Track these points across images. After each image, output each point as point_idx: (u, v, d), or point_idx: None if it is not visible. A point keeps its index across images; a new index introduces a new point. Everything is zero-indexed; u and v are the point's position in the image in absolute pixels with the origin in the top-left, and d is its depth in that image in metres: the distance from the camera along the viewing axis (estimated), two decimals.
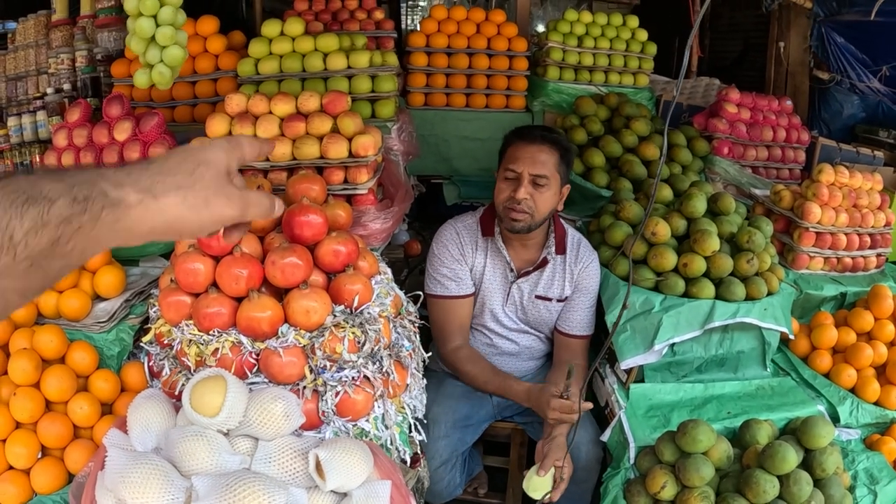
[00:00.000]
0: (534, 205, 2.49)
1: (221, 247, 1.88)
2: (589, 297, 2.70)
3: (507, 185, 2.53)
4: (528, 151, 2.51)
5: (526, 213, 2.49)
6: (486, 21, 3.95)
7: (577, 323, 2.69)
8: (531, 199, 2.48)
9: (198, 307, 1.87)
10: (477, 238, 2.68)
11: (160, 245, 2.59)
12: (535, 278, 2.68)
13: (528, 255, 2.68)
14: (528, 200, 2.48)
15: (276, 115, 2.50)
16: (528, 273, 2.66)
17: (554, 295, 2.69)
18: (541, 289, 2.68)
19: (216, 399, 1.69)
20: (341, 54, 2.90)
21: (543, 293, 2.69)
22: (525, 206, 2.48)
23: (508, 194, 2.51)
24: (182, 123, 3.12)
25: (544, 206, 2.51)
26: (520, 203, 2.48)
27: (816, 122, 5.21)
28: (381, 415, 1.98)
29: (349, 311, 1.94)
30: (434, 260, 2.66)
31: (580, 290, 2.69)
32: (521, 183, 2.48)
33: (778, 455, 2.10)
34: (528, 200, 2.48)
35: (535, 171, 2.49)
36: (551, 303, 2.69)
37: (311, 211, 1.97)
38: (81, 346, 2.13)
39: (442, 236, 2.69)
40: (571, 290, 2.69)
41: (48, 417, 1.99)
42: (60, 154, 2.68)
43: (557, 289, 2.68)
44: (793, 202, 3.17)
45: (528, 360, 2.83)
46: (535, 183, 2.49)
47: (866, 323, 2.92)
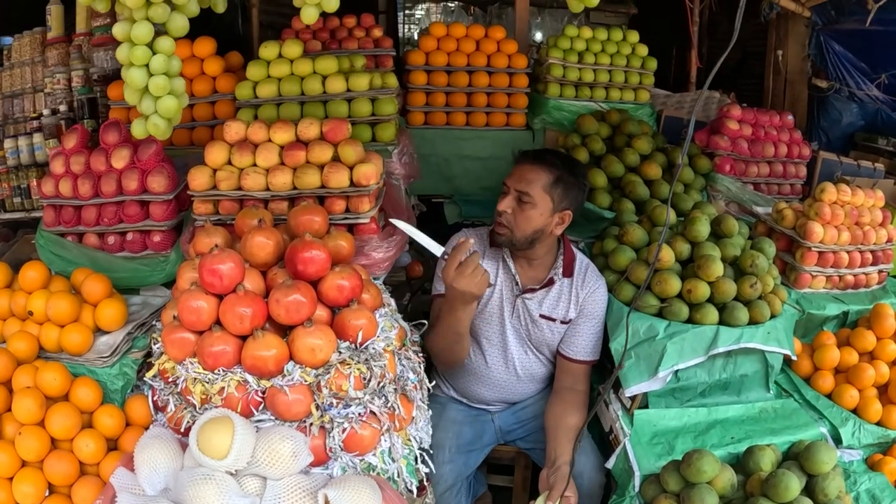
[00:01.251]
0: (512, 221, 2.52)
1: (224, 285, 1.87)
2: (594, 323, 2.69)
3: (500, 198, 2.58)
4: (520, 169, 2.56)
5: (506, 227, 2.53)
6: (486, 38, 3.91)
7: (581, 348, 2.68)
8: (511, 215, 2.52)
9: (202, 345, 1.86)
10: (485, 248, 2.72)
11: (160, 274, 2.58)
12: (541, 297, 2.68)
13: (535, 274, 2.68)
14: (507, 215, 2.53)
15: (275, 142, 2.49)
16: (533, 290, 2.67)
17: (558, 316, 2.68)
18: (546, 308, 2.68)
19: (224, 441, 1.68)
20: (340, 77, 2.89)
21: (548, 313, 2.68)
22: (504, 220, 2.53)
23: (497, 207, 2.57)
24: (180, 147, 3.09)
25: (524, 224, 2.52)
26: (500, 215, 2.53)
27: (815, 130, 5.20)
28: (387, 448, 1.98)
29: (354, 347, 1.93)
30: (441, 261, 2.62)
31: (585, 315, 2.68)
32: (504, 197, 2.55)
33: (781, 484, 2.10)
34: (508, 215, 2.53)
35: (518, 188, 2.52)
36: (555, 323, 2.69)
37: (314, 247, 1.96)
38: (85, 382, 2.13)
39: (453, 239, 2.71)
40: (576, 314, 2.68)
41: (54, 455, 2.00)
42: (58, 181, 2.67)
43: (562, 310, 2.68)
44: (795, 221, 3.15)
45: (528, 381, 2.81)
46: (520, 200, 2.52)
47: (868, 343, 2.91)
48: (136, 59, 2.06)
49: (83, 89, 3.43)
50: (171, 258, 2.60)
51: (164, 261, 2.60)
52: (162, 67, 2.08)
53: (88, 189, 2.62)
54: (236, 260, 1.90)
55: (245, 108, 2.90)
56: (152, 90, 2.10)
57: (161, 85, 2.09)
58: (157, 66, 2.07)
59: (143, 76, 2.09)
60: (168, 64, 2.09)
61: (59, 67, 3.53)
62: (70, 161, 2.67)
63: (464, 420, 2.69)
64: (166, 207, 2.60)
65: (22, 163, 3.33)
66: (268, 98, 2.87)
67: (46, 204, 2.72)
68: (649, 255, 2.66)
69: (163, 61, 2.07)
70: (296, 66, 2.90)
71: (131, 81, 2.09)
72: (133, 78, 2.08)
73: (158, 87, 2.09)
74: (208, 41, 3.10)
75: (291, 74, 2.90)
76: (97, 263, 2.58)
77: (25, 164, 3.32)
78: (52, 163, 2.72)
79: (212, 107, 3.09)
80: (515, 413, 2.83)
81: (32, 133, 3.37)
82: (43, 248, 2.67)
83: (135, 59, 2.06)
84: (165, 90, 2.11)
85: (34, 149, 3.34)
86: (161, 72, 2.09)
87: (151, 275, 2.59)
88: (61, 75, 3.52)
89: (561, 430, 2.52)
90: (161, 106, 2.12)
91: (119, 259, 2.64)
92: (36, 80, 3.81)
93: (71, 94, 3.51)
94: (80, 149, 2.70)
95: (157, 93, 2.11)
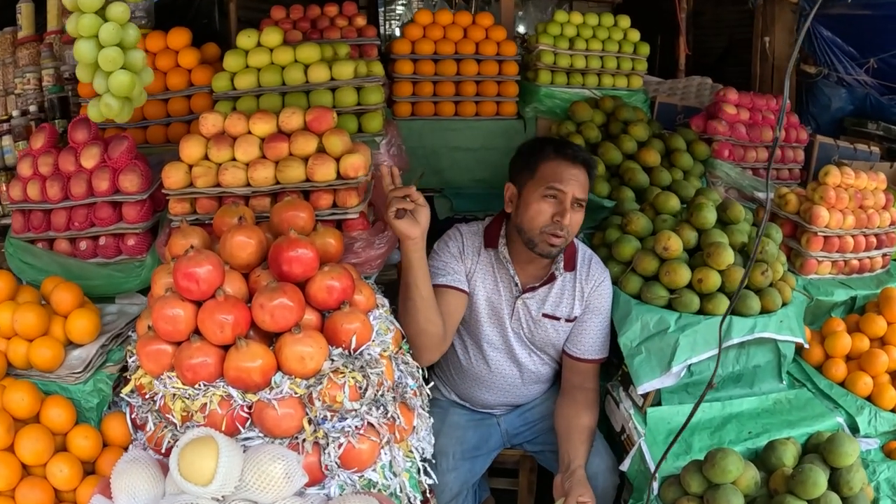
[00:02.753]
0: (571, 228, 2.36)
1: (202, 290, 1.71)
2: (601, 318, 2.56)
3: (548, 205, 2.35)
4: (572, 173, 2.36)
5: (565, 237, 2.36)
6: (474, 25, 3.82)
7: (589, 346, 2.55)
8: (570, 224, 2.35)
9: (180, 358, 1.71)
10: (480, 246, 2.54)
11: (136, 281, 2.44)
12: (543, 295, 2.53)
13: (535, 272, 2.53)
14: (569, 226, 2.35)
15: (255, 135, 2.34)
16: (533, 289, 2.52)
17: (562, 314, 2.54)
18: (548, 307, 2.54)
19: (208, 464, 1.54)
20: (323, 65, 2.75)
21: (551, 312, 2.54)
22: (565, 232, 2.35)
23: (549, 216, 2.34)
24: (156, 145, 2.95)
25: (576, 228, 2.39)
26: (562, 228, 2.33)
27: (805, 116, 5.20)
28: (388, 462, 1.84)
29: (347, 354, 1.79)
30: (432, 255, 2.51)
31: (591, 311, 2.55)
32: (564, 205, 2.33)
33: (809, 480, 2.03)
34: (569, 225, 2.35)
35: (579, 195, 2.35)
36: (559, 322, 2.55)
37: (300, 245, 1.81)
38: (57, 401, 1.99)
39: (445, 236, 2.57)
40: (581, 310, 2.55)
41: (26, 483, 1.89)
42: (26, 184, 2.53)
43: (566, 307, 2.54)
44: (799, 206, 3.10)
45: (533, 383, 2.68)
46: (576, 205, 2.36)
47: (879, 328, 2.88)
48: (83, 29, 1.84)
49: (54, 88, 3.34)
50: (147, 263, 2.46)
51: (139, 266, 2.46)
52: (113, 38, 1.86)
53: (57, 191, 2.48)
54: (214, 262, 1.74)
55: (223, 101, 2.75)
56: (102, 64, 1.88)
57: (112, 58, 1.88)
58: (107, 36, 1.85)
59: (93, 49, 1.87)
60: (120, 34, 1.87)
61: (30, 67, 3.45)
62: (38, 162, 2.54)
63: (467, 424, 2.56)
64: (140, 208, 2.46)
65: None
66: (247, 89, 2.73)
67: (14, 209, 2.59)
68: (656, 245, 2.55)
69: (113, 31, 1.85)
70: (276, 54, 2.76)
71: (80, 55, 1.88)
72: (81, 51, 1.88)
73: (109, 60, 1.87)
74: (183, 31, 2.96)
75: (271, 64, 2.75)
76: (69, 271, 2.44)
77: None
78: (19, 165, 2.59)
79: (188, 101, 2.95)
80: (522, 415, 2.71)
81: (1, 136, 3.25)
82: (12, 256, 2.53)
83: (82, 30, 1.85)
84: (117, 64, 1.90)
85: (3, 152, 3.29)
86: (112, 43, 1.87)
87: (126, 281, 2.45)
88: (31, 75, 3.43)
89: (574, 431, 2.41)
90: (113, 83, 1.91)
91: (92, 266, 2.50)
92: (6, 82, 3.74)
93: (42, 94, 3.42)
94: (48, 149, 2.57)
95: (108, 67, 1.89)
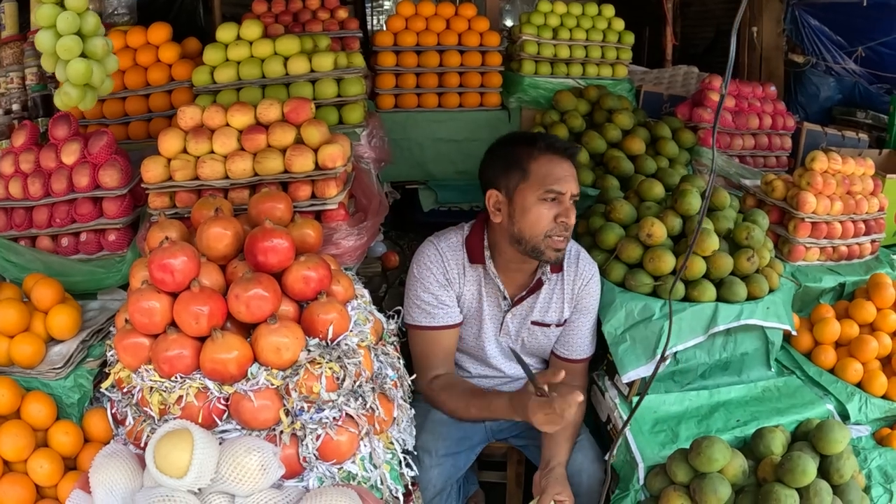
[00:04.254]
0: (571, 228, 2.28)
1: (177, 282, 1.69)
2: (590, 318, 2.49)
3: (548, 208, 2.23)
4: (567, 169, 2.26)
5: (568, 237, 2.28)
6: (456, 16, 3.80)
7: (578, 346, 2.49)
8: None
9: (157, 350, 1.69)
10: (463, 262, 2.42)
11: (117, 276, 2.42)
12: (530, 303, 2.45)
13: (522, 279, 2.43)
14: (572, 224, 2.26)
15: (233, 127, 2.33)
16: (521, 299, 2.44)
17: (552, 320, 2.47)
18: (536, 314, 2.46)
19: (183, 457, 1.53)
20: (303, 57, 2.74)
21: (540, 319, 2.47)
22: (569, 231, 2.27)
23: (552, 219, 2.23)
24: (137, 140, 2.93)
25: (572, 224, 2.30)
26: (567, 228, 2.24)
27: (793, 105, 5.23)
28: (368, 454, 1.82)
29: (325, 344, 1.77)
30: (416, 285, 2.40)
31: (581, 311, 2.47)
32: (565, 205, 2.23)
33: (798, 468, 2.01)
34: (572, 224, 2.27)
35: (576, 192, 2.26)
36: (549, 328, 2.48)
37: (275, 235, 1.79)
38: (37, 396, 1.99)
39: (423, 257, 2.40)
40: (571, 311, 2.48)
41: (7, 480, 1.86)
42: (7, 182, 2.53)
43: (555, 312, 2.47)
44: (786, 192, 3.08)
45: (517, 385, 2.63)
46: (572, 202, 2.28)
47: (868, 314, 2.86)
48: (41, 18, 1.87)
49: (37, 87, 3.33)
50: (128, 258, 2.43)
51: (120, 261, 2.44)
52: (70, 27, 1.87)
53: (39, 188, 2.47)
54: (189, 253, 1.72)
55: (203, 95, 2.75)
56: (60, 53, 1.89)
57: (68, 46, 1.88)
58: (64, 25, 1.86)
59: (52, 38, 1.88)
60: (78, 22, 1.88)
61: (14, 66, 3.42)
62: (19, 160, 2.54)
63: (450, 421, 2.50)
64: (120, 203, 2.44)
65: None
66: (227, 83, 2.73)
67: None
68: (640, 231, 2.53)
69: (70, 19, 1.86)
70: (255, 47, 2.75)
71: (40, 45, 1.90)
72: (41, 41, 1.89)
73: (65, 48, 1.88)
74: (163, 26, 2.95)
75: (251, 57, 2.75)
76: (51, 268, 2.42)
77: None
78: (1, 163, 2.58)
79: (168, 96, 2.94)
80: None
81: None
82: None
83: (41, 20, 1.87)
84: (74, 53, 1.90)
85: None
86: (69, 31, 1.88)
87: (108, 277, 2.43)
88: (15, 74, 3.40)
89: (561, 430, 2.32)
90: (70, 71, 1.91)
91: (74, 262, 2.48)
92: None
93: (25, 93, 3.39)
94: (29, 146, 2.57)
95: (65, 56, 1.90)
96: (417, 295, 2.39)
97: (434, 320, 2.38)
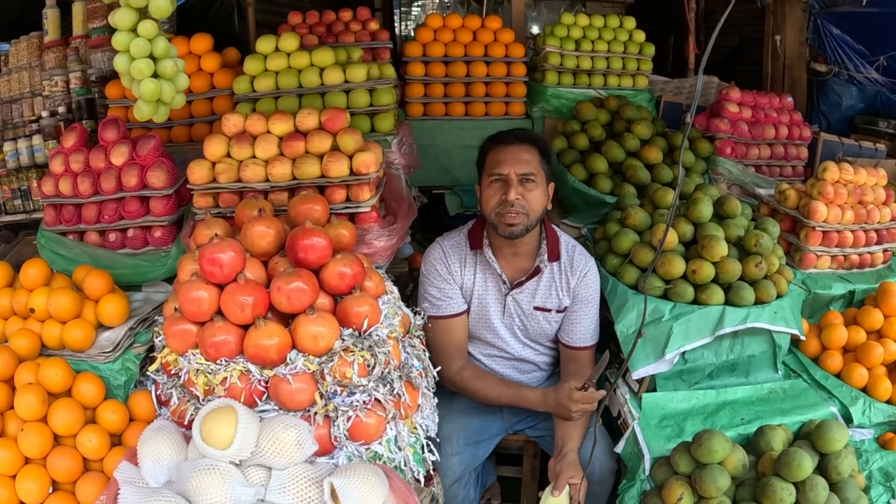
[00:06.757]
0: (527, 204, 2.47)
1: (225, 274, 1.86)
2: (591, 307, 2.66)
3: (495, 190, 2.50)
4: (510, 152, 2.50)
5: (521, 213, 2.47)
6: (483, 28, 3.91)
7: (582, 334, 2.65)
8: (523, 199, 2.47)
9: (204, 336, 1.84)
10: (464, 253, 2.64)
11: (161, 270, 2.57)
12: (531, 289, 2.63)
13: (521, 265, 2.63)
14: (520, 200, 2.46)
15: (274, 134, 2.48)
16: (521, 283, 2.62)
17: (552, 305, 2.64)
18: (538, 300, 2.64)
19: (227, 431, 1.67)
20: (338, 68, 2.87)
21: (542, 304, 2.64)
22: (519, 207, 2.46)
23: (498, 199, 2.48)
24: (179, 144, 3.08)
25: (536, 204, 2.50)
26: (513, 205, 2.45)
27: (815, 114, 5.18)
28: (393, 437, 1.96)
29: (357, 335, 1.92)
30: (424, 282, 2.64)
31: (581, 301, 2.64)
32: (510, 185, 2.47)
33: (794, 462, 2.09)
34: (521, 200, 2.46)
35: (521, 171, 2.47)
36: (550, 314, 2.65)
37: (314, 234, 1.94)
38: (87, 377, 2.11)
39: (429, 256, 2.66)
40: (570, 300, 2.65)
41: (57, 452, 1.98)
42: (57, 180, 2.66)
43: (555, 299, 2.64)
44: (798, 201, 3.13)
45: (529, 372, 2.79)
46: (525, 181, 2.48)
47: (876, 321, 2.90)
48: (118, 44, 2.08)
49: (81, 90, 3.42)
50: (172, 253, 2.58)
51: (165, 256, 2.59)
52: (142, 51, 2.08)
53: (88, 187, 2.62)
54: (237, 248, 1.88)
55: (243, 103, 2.89)
56: (133, 73, 2.10)
57: (140, 68, 2.09)
58: (137, 49, 2.07)
59: (127, 61, 2.10)
60: (149, 47, 2.09)
61: (57, 70, 3.52)
62: (69, 160, 2.67)
63: (471, 411, 2.66)
64: (166, 202, 2.59)
65: (22, 165, 3.33)
66: (265, 92, 2.86)
67: (46, 203, 2.72)
68: (653, 237, 2.64)
69: (142, 45, 2.07)
70: (293, 59, 2.89)
71: (117, 67, 2.12)
72: (118, 63, 2.11)
73: (138, 70, 2.09)
74: (205, 37, 3.09)
75: (289, 67, 2.89)
76: (98, 261, 2.57)
77: (25, 165, 3.33)
78: (51, 162, 2.71)
79: (210, 103, 3.08)
80: None
81: (31, 135, 3.37)
82: (44, 247, 2.67)
83: (118, 45, 2.08)
84: (145, 73, 2.10)
85: (34, 150, 3.35)
86: (142, 55, 2.08)
87: (153, 270, 2.58)
88: (59, 77, 3.51)
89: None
90: (142, 90, 2.12)
91: (120, 256, 2.63)
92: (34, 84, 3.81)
93: (69, 95, 3.49)
94: (79, 147, 2.70)
95: (138, 76, 2.10)
96: (426, 289, 2.63)
97: (440, 310, 2.61)
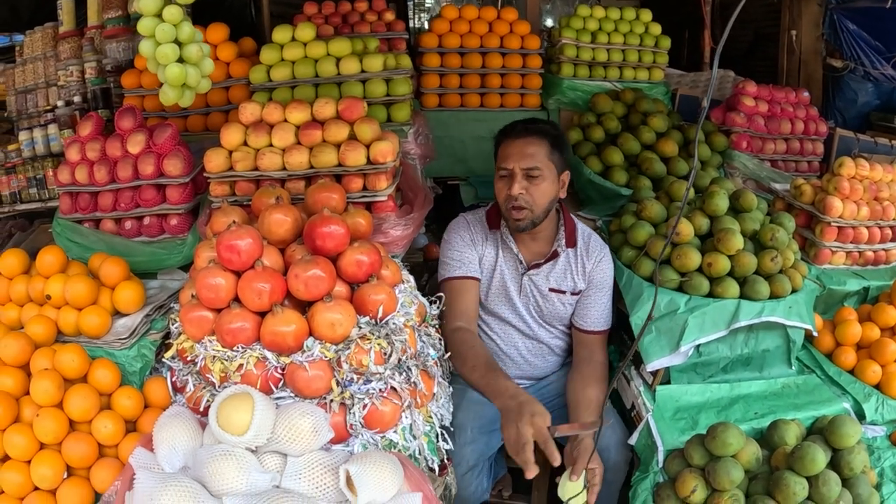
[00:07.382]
0: (531, 199, 2.51)
1: (242, 261, 1.86)
2: (604, 293, 2.70)
3: (503, 183, 2.55)
4: (516, 146, 2.53)
5: (524, 208, 2.51)
6: (498, 19, 3.92)
7: (594, 319, 2.69)
8: (527, 194, 2.51)
9: (220, 323, 1.85)
10: (485, 230, 2.71)
11: (178, 257, 2.58)
12: (548, 271, 2.68)
13: (538, 248, 2.69)
14: (524, 195, 2.50)
15: (291, 122, 2.49)
16: (538, 265, 2.67)
17: (567, 288, 2.69)
18: (554, 282, 2.69)
19: (244, 417, 1.67)
20: (354, 58, 2.88)
21: (557, 286, 2.69)
22: (522, 202, 2.50)
23: (505, 193, 2.53)
24: (195, 133, 3.10)
25: (542, 198, 2.53)
26: (516, 199, 2.50)
27: (831, 110, 5.16)
28: (408, 425, 1.96)
29: (374, 322, 1.92)
30: (444, 247, 2.69)
31: (594, 286, 2.69)
32: (514, 179, 2.51)
33: (807, 457, 2.09)
34: (525, 195, 2.50)
35: (525, 165, 2.50)
36: (565, 296, 2.70)
37: (332, 222, 1.95)
38: (103, 363, 2.12)
39: (455, 224, 2.74)
40: (585, 285, 2.70)
41: (73, 437, 2.00)
42: (74, 168, 2.68)
43: (570, 282, 2.69)
44: (814, 196, 3.12)
45: (546, 355, 2.80)
46: (529, 176, 2.51)
47: (890, 318, 2.89)
48: (143, 29, 2.10)
49: (96, 80, 3.45)
50: (189, 241, 2.60)
51: (181, 244, 2.61)
52: (167, 36, 2.10)
53: (104, 175, 2.63)
54: (254, 235, 1.89)
55: (260, 92, 2.90)
56: (159, 59, 2.12)
57: (165, 53, 2.11)
58: (162, 35, 2.10)
59: (152, 46, 2.12)
60: (174, 32, 2.11)
61: (72, 60, 3.56)
62: (86, 148, 2.68)
63: (486, 400, 2.66)
64: (183, 190, 2.60)
65: (37, 154, 3.36)
66: (282, 81, 2.87)
67: (62, 192, 2.73)
68: (668, 229, 2.64)
69: (167, 30, 2.09)
70: (309, 48, 2.90)
71: (143, 52, 2.14)
72: (143, 48, 2.13)
73: (163, 55, 2.12)
74: (221, 27, 3.10)
75: (305, 57, 2.90)
76: (114, 248, 2.58)
77: (41, 155, 3.35)
78: (67, 151, 2.73)
79: (226, 92, 3.10)
80: (539, 391, 2.81)
81: (47, 125, 3.39)
82: (60, 235, 2.68)
83: (143, 30, 2.10)
84: (170, 59, 2.12)
85: (49, 140, 3.38)
86: (167, 40, 2.11)
87: (169, 258, 2.59)
88: (74, 67, 3.55)
89: (581, 403, 2.50)
90: (167, 74, 2.14)
91: (136, 244, 2.65)
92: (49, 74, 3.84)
93: (84, 85, 3.53)
94: (95, 136, 2.71)
95: (163, 61, 2.13)
96: (445, 254, 2.68)
97: (452, 271, 2.65)
